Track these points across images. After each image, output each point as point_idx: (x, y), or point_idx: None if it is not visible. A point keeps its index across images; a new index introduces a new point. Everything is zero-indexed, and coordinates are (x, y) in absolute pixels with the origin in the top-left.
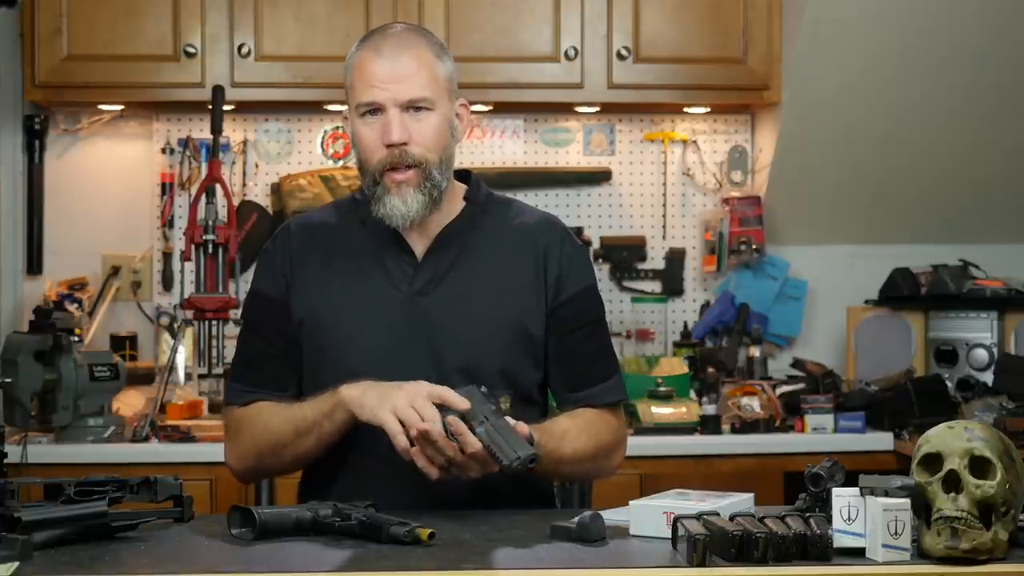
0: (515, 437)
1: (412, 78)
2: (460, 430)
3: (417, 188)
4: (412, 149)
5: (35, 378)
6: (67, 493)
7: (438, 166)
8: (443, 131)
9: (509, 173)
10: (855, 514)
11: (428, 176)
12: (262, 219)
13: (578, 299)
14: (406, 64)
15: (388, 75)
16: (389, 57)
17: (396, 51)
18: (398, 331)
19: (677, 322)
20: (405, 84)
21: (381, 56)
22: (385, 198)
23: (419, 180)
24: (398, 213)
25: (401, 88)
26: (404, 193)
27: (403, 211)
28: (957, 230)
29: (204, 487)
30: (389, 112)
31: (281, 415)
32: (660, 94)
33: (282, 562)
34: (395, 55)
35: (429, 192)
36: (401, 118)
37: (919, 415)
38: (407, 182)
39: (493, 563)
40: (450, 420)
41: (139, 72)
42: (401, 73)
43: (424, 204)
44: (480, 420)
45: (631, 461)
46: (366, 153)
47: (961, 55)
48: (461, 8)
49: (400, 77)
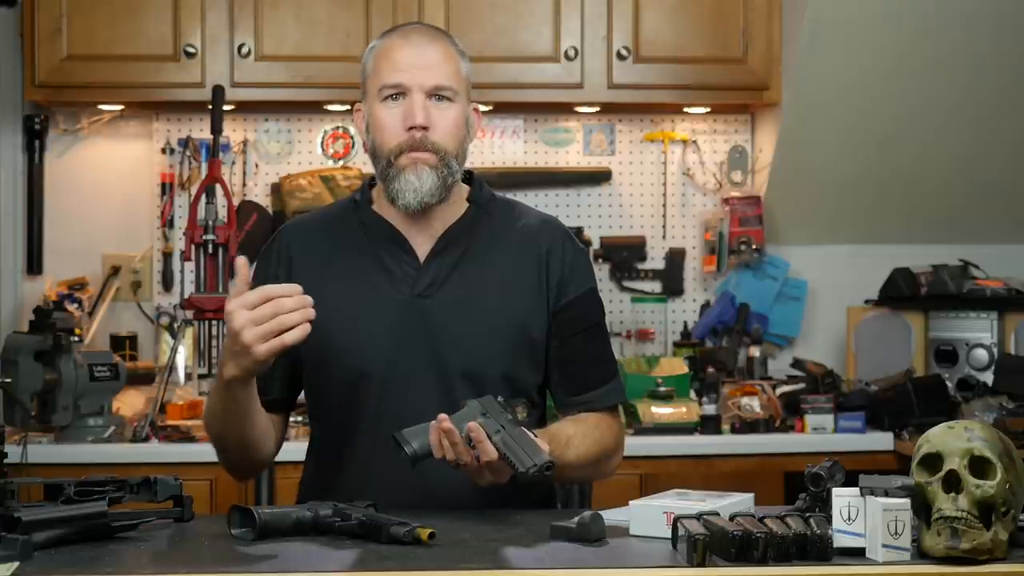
0: (531, 445)
1: (439, 66)
2: (480, 437)
3: (433, 169)
4: (432, 135)
5: (35, 378)
6: (67, 493)
7: (455, 157)
8: (461, 125)
9: (509, 173)
10: (855, 514)
11: (445, 163)
12: (262, 219)
13: (579, 303)
14: (434, 52)
15: (416, 60)
16: (417, 44)
17: (424, 39)
18: (400, 333)
19: (677, 322)
20: (432, 71)
21: (410, 43)
22: (401, 175)
23: (436, 162)
24: (411, 188)
25: (428, 74)
26: (420, 170)
27: (416, 186)
28: (957, 230)
29: (204, 487)
30: (413, 96)
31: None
32: (660, 94)
33: (282, 562)
34: (423, 43)
35: (443, 177)
36: (424, 103)
37: (919, 415)
38: (424, 161)
39: (493, 563)
40: (470, 427)
41: (139, 72)
42: (429, 60)
43: (437, 186)
44: (497, 429)
45: (631, 461)
46: (384, 136)
47: (961, 55)
48: (461, 8)
49: (427, 63)
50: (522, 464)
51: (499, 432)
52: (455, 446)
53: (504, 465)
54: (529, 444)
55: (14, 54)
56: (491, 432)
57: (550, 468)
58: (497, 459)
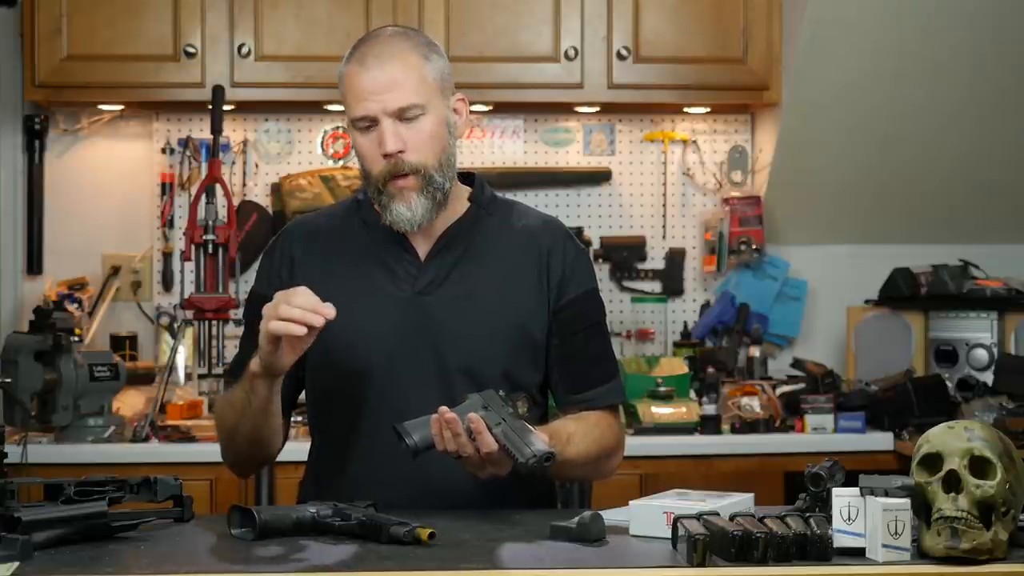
0: (532, 437)
1: (399, 86)
2: (480, 429)
3: (420, 193)
4: (408, 157)
5: (35, 378)
6: (67, 493)
7: (438, 169)
8: (439, 134)
9: (509, 173)
10: (855, 514)
11: (429, 181)
12: (262, 219)
13: (580, 302)
14: (391, 73)
15: (375, 86)
16: (374, 68)
17: (380, 61)
18: (401, 331)
19: (677, 322)
20: (393, 93)
21: (366, 68)
22: (391, 206)
23: (420, 185)
24: (404, 219)
25: (389, 98)
26: (408, 198)
27: (409, 216)
28: (957, 230)
29: (204, 487)
30: (383, 123)
31: (227, 400)
32: (660, 94)
33: (282, 562)
34: (380, 65)
35: (432, 195)
36: (395, 127)
37: (919, 415)
38: (409, 188)
39: (493, 563)
40: (471, 418)
41: (139, 72)
42: (387, 83)
43: (429, 208)
44: (497, 422)
45: (631, 461)
46: (367, 163)
47: (961, 55)
48: (461, 8)
49: (387, 87)
50: (522, 455)
51: (500, 425)
52: (457, 437)
53: (504, 457)
54: (529, 436)
55: (14, 54)
56: (492, 424)
57: (550, 459)
58: (497, 450)
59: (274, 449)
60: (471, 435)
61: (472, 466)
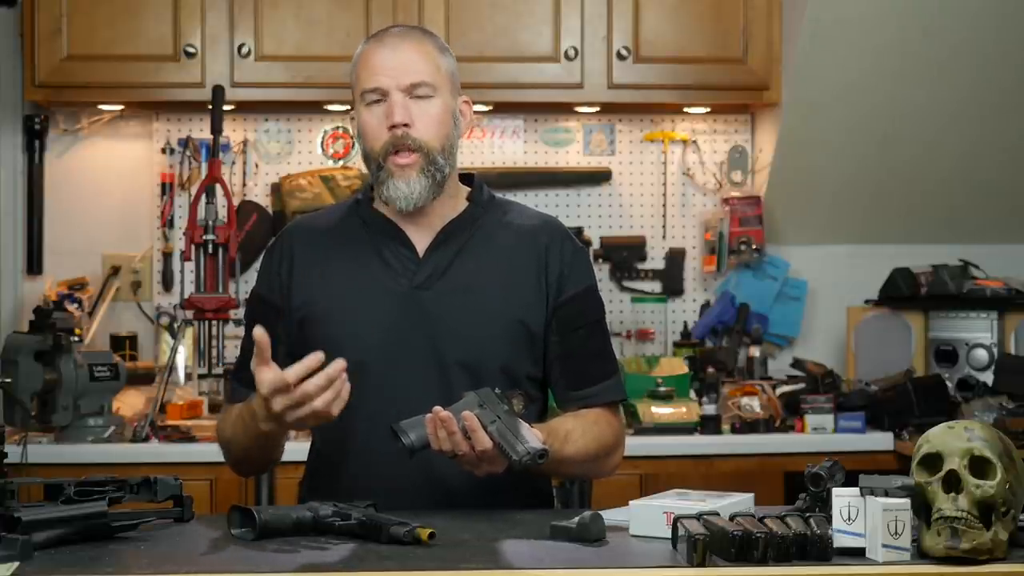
0: (526, 434)
1: (414, 63)
2: (474, 427)
3: (420, 172)
4: (414, 132)
5: (35, 378)
6: (67, 493)
7: (440, 152)
8: (445, 119)
9: (509, 173)
10: (855, 514)
11: (431, 161)
12: (262, 219)
13: (579, 299)
14: (408, 51)
15: (390, 61)
16: (391, 46)
17: (397, 39)
18: (398, 325)
19: (677, 322)
20: (407, 69)
21: (384, 45)
22: (389, 181)
23: (422, 164)
24: (402, 195)
25: (404, 72)
26: (408, 175)
27: (407, 193)
28: (957, 230)
29: (204, 487)
30: (392, 96)
31: (231, 421)
32: (660, 94)
33: (282, 562)
34: (397, 43)
35: (432, 176)
36: (404, 101)
37: (919, 415)
38: (410, 166)
39: (493, 563)
40: (465, 416)
41: (139, 72)
42: (403, 59)
43: (427, 187)
44: (492, 420)
45: (631, 461)
46: (370, 139)
47: (961, 55)
48: (461, 8)
49: (402, 63)
50: (515, 452)
51: (495, 423)
52: (452, 436)
53: (498, 454)
54: (523, 433)
55: (14, 54)
56: (486, 422)
57: (543, 456)
58: (491, 448)
59: (277, 456)
60: (466, 433)
61: (468, 464)
